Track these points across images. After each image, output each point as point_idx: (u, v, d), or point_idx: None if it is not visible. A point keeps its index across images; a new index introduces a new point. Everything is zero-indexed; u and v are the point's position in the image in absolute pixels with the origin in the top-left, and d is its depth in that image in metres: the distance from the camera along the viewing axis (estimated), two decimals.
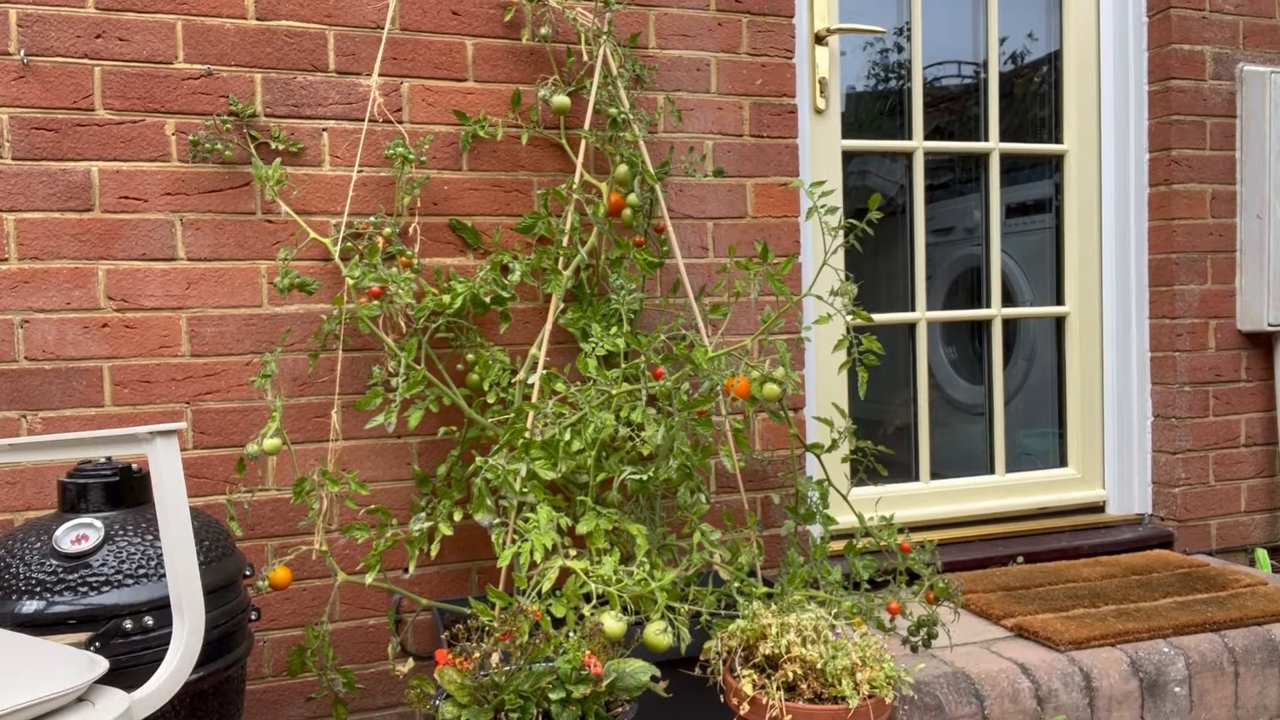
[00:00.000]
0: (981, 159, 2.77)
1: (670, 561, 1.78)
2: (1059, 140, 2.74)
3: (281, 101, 1.93)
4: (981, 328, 2.94)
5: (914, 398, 2.70)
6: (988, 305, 2.77)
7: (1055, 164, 2.79)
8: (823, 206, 1.72)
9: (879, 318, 2.65)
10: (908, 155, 2.69)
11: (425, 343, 1.93)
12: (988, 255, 2.79)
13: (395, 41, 1.99)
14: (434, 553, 1.83)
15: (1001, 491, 2.68)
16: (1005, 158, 2.79)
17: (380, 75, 1.98)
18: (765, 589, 1.70)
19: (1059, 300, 2.81)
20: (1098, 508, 2.74)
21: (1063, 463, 2.77)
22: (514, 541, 1.67)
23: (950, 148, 2.78)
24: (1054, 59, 2.77)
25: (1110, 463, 2.72)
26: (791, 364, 2.25)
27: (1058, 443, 2.81)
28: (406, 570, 1.87)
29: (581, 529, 1.64)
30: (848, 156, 2.63)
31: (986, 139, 2.73)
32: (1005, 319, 2.80)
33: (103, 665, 1.11)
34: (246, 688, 1.82)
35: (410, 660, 1.74)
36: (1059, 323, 2.80)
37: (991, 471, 2.73)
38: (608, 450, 1.76)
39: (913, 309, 2.71)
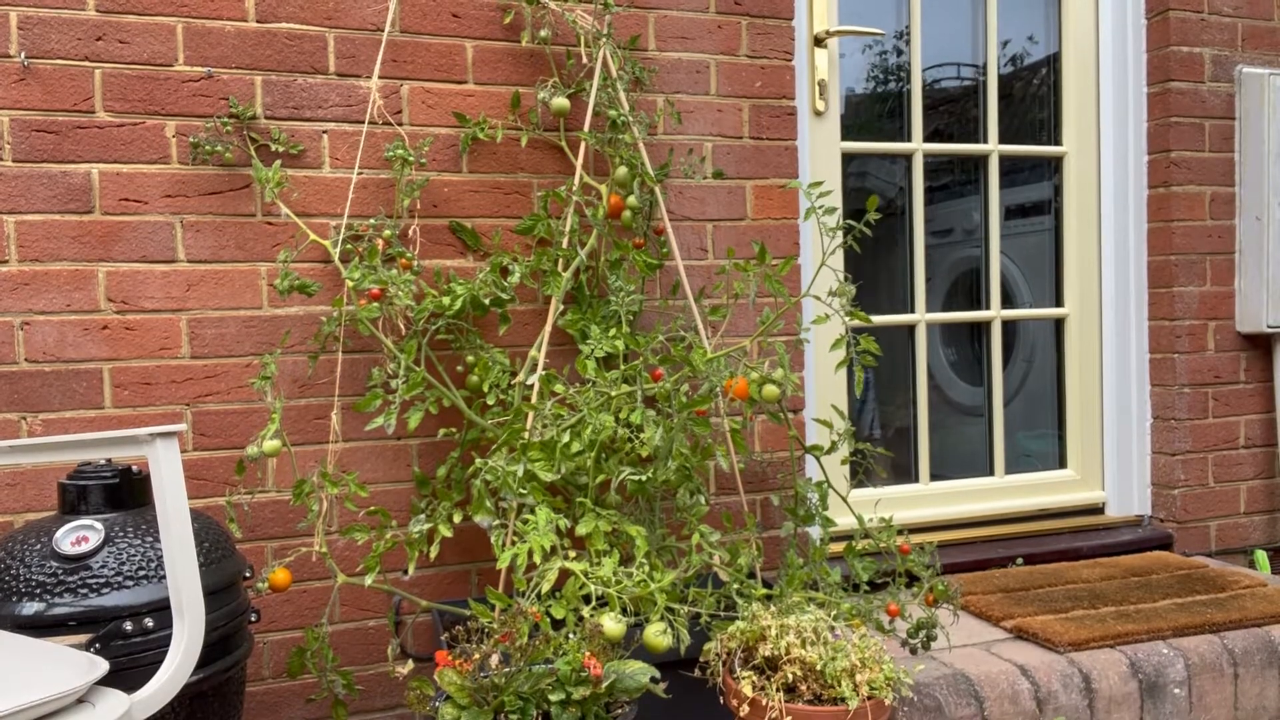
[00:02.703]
0: (981, 161, 2.77)
1: (670, 563, 1.78)
2: (1058, 142, 2.75)
3: (282, 104, 1.93)
4: (981, 329, 2.94)
5: (914, 400, 2.70)
6: (986, 307, 2.77)
7: (1054, 166, 2.79)
8: (820, 207, 1.73)
9: (878, 319, 2.66)
10: (907, 157, 2.69)
11: (425, 344, 1.93)
12: (987, 257, 2.79)
13: (395, 44, 2.00)
14: (434, 554, 1.83)
15: (1001, 493, 2.69)
16: (1004, 159, 2.79)
17: (380, 77, 1.98)
18: (765, 590, 1.70)
19: (1058, 302, 2.81)
20: (1097, 509, 2.74)
21: (1062, 464, 2.77)
22: (513, 543, 1.67)
23: (950, 150, 2.78)
24: (1053, 61, 2.77)
25: (1110, 464, 2.73)
26: (790, 365, 2.26)
27: (1057, 444, 2.81)
28: (406, 572, 1.87)
29: (581, 530, 1.64)
30: (847, 158, 2.63)
31: (986, 141, 2.73)
32: (1005, 320, 2.80)
33: (103, 667, 1.11)
34: (246, 689, 1.82)
35: (410, 662, 1.74)
36: (1058, 324, 2.80)
37: (991, 473, 2.73)
38: (607, 452, 1.77)
39: (912, 311, 2.71)
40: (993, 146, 2.73)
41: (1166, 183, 2.60)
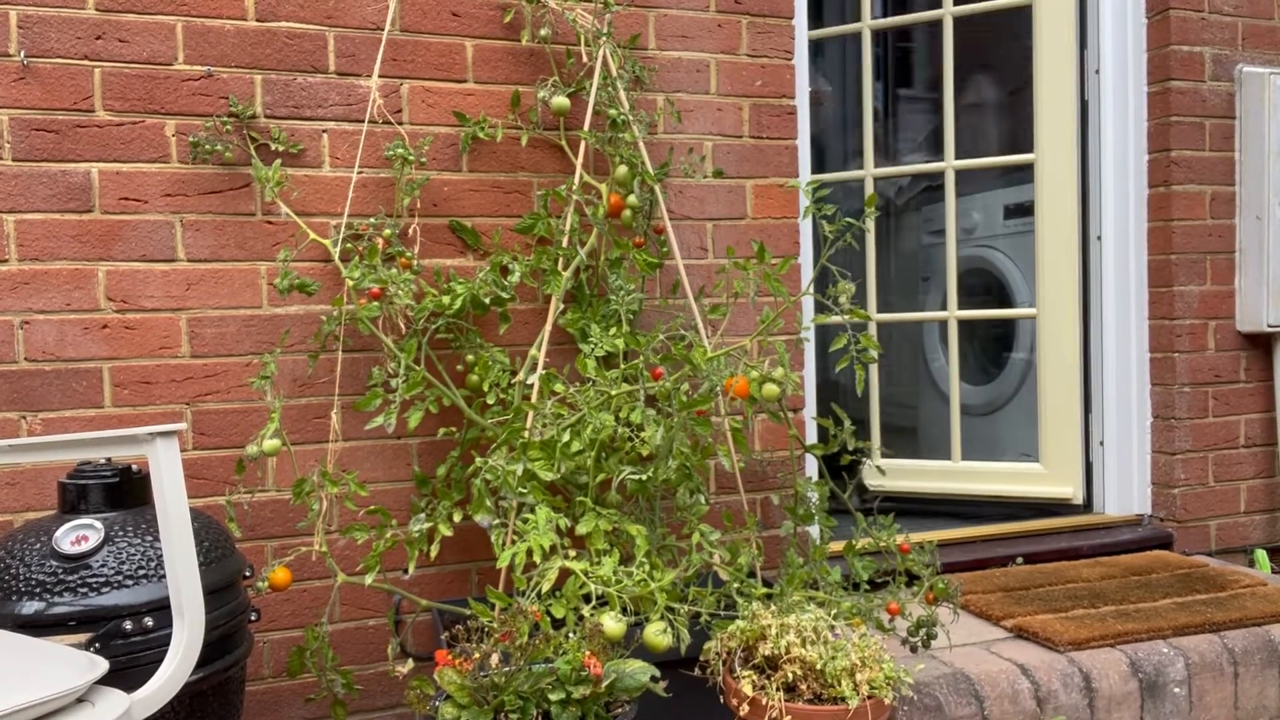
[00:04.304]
0: (944, 172, 2.85)
1: (670, 562, 1.78)
2: (1031, 149, 2.76)
3: (282, 103, 1.93)
4: (977, 329, 2.95)
5: (865, 392, 2.77)
6: (944, 308, 2.88)
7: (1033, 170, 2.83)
8: (819, 206, 1.73)
9: (837, 320, 2.71)
10: (859, 182, 2.77)
11: (425, 343, 1.93)
12: (946, 261, 2.85)
13: (395, 43, 2.00)
14: (434, 553, 1.83)
15: (956, 476, 2.82)
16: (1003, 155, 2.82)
17: (380, 76, 1.98)
18: (765, 590, 1.70)
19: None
20: (1070, 505, 2.73)
21: (1037, 458, 2.79)
22: (513, 542, 1.67)
23: (899, 171, 2.95)
24: (1029, 74, 2.78)
25: (1109, 463, 2.72)
26: (791, 364, 2.25)
27: (1036, 440, 2.82)
28: (406, 571, 1.87)
29: (581, 529, 1.64)
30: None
31: (943, 158, 2.81)
32: (966, 320, 2.90)
33: (103, 666, 1.11)
34: (246, 688, 1.82)
35: (410, 661, 1.74)
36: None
37: (949, 458, 2.85)
38: (607, 451, 1.76)
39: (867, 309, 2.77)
40: (948, 164, 2.79)
41: (1167, 182, 2.59)
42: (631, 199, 1.99)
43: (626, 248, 2.02)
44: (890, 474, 2.88)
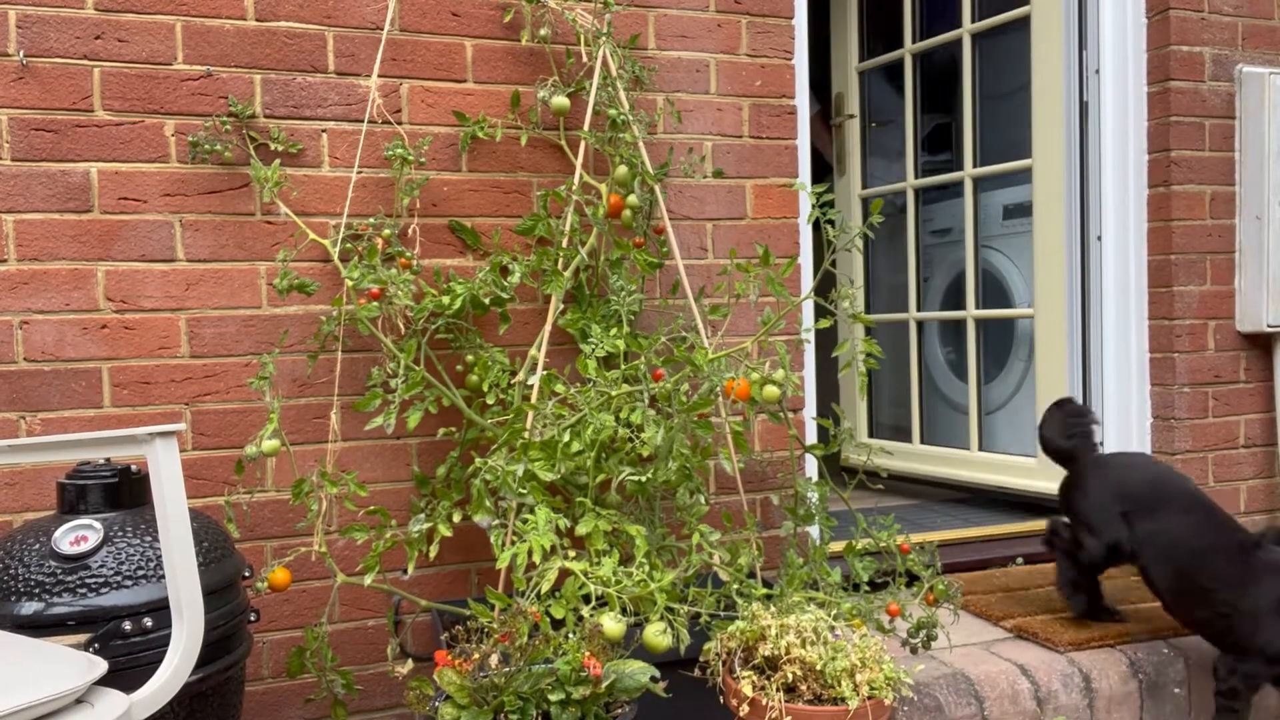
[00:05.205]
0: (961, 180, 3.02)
1: (669, 563, 1.78)
2: (1029, 155, 2.81)
3: (281, 102, 1.93)
4: (973, 329, 2.97)
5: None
6: (962, 308, 3.01)
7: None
8: (823, 210, 1.72)
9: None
10: (902, 193, 2.92)
11: (424, 344, 1.93)
12: (965, 264, 3.01)
13: (394, 43, 1.99)
14: (433, 554, 1.83)
15: (971, 465, 3.00)
16: (989, 165, 2.99)
17: (380, 76, 1.98)
18: (765, 590, 1.70)
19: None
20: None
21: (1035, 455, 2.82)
22: (513, 542, 1.67)
23: (935, 181, 3.15)
24: (1026, 87, 2.82)
25: None
26: (791, 365, 2.25)
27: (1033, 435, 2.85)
28: (405, 571, 1.87)
29: (580, 530, 1.63)
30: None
31: (963, 168, 3.02)
32: (980, 319, 3.02)
33: (102, 666, 1.11)
34: (245, 689, 1.82)
35: (410, 661, 1.74)
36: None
37: (968, 448, 3.01)
38: (607, 451, 1.76)
39: (908, 310, 2.78)
40: (967, 172, 2.99)
41: (1166, 182, 2.59)
42: (631, 199, 1.99)
43: (626, 248, 2.02)
44: (896, 455, 3.07)
